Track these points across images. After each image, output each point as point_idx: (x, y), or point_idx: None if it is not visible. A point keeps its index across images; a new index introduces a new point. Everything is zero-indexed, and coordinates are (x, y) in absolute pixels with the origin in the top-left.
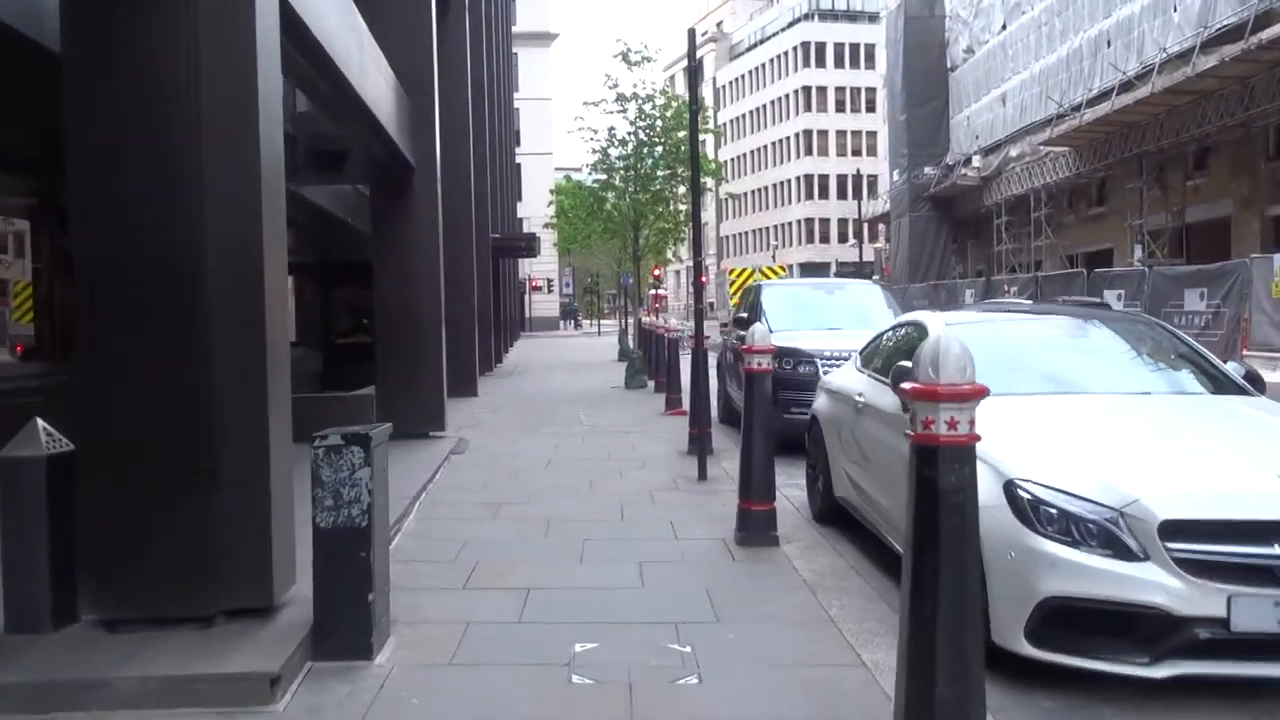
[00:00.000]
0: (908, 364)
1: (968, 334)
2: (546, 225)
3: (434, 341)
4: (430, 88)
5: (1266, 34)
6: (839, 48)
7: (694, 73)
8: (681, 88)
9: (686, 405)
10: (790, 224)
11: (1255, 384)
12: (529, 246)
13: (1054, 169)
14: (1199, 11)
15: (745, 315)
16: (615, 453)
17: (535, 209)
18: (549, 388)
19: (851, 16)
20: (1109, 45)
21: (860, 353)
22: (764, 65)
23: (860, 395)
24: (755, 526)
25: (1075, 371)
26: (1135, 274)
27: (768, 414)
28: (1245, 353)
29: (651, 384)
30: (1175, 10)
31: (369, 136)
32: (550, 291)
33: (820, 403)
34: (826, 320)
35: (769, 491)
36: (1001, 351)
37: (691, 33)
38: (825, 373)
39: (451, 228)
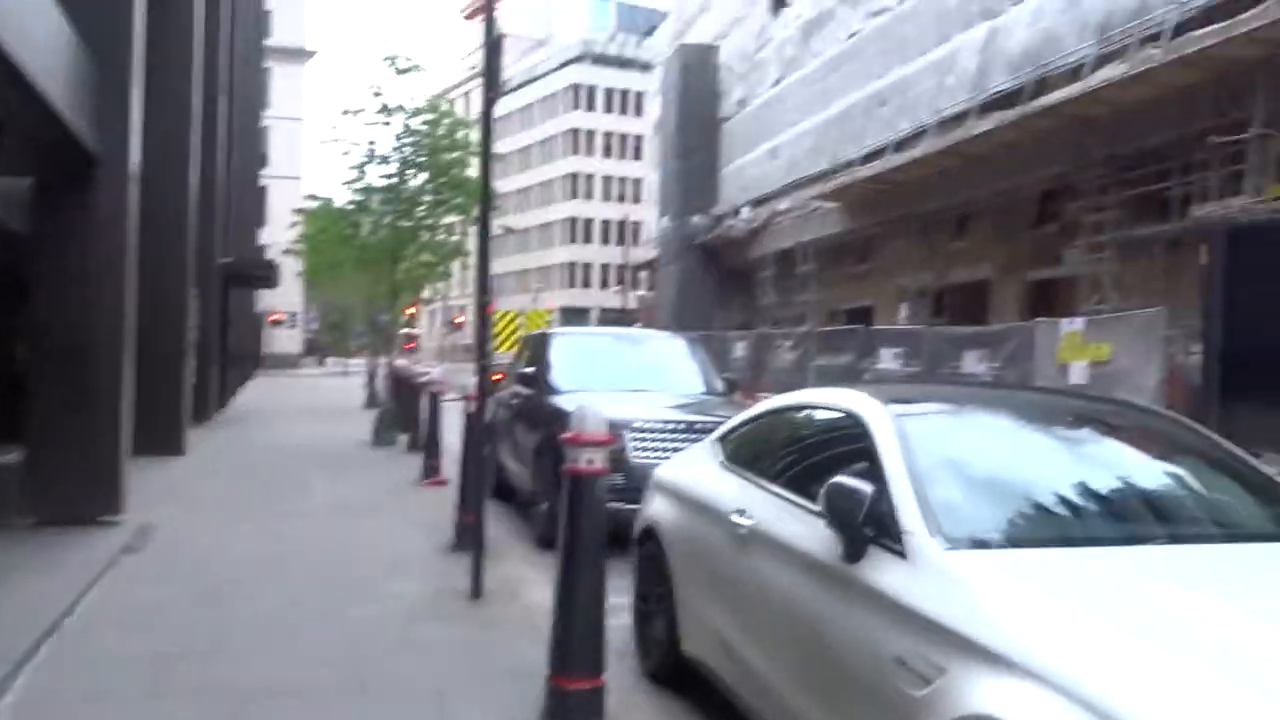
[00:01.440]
0: (857, 486)
1: (936, 432)
2: (287, 252)
3: (110, 384)
4: (127, 53)
5: (1044, 100)
6: (609, 93)
7: (490, 83)
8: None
9: (448, 472)
10: (553, 267)
11: None
12: (267, 275)
13: (823, 224)
14: (974, 76)
15: (530, 370)
16: (358, 547)
17: (282, 237)
18: (281, 442)
19: (623, 63)
20: (883, 105)
21: (722, 439)
22: (533, 105)
23: (741, 515)
24: (575, 713)
25: (1126, 502)
26: (912, 332)
27: (600, 540)
28: None
29: (405, 439)
30: (950, 74)
31: (19, 105)
32: (293, 326)
33: (661, 509)
34: (629, 379)
35: (596, 658)
36: (1007, 467)
37: (491, 36)
38: (637, 448)
39: (159, 243)
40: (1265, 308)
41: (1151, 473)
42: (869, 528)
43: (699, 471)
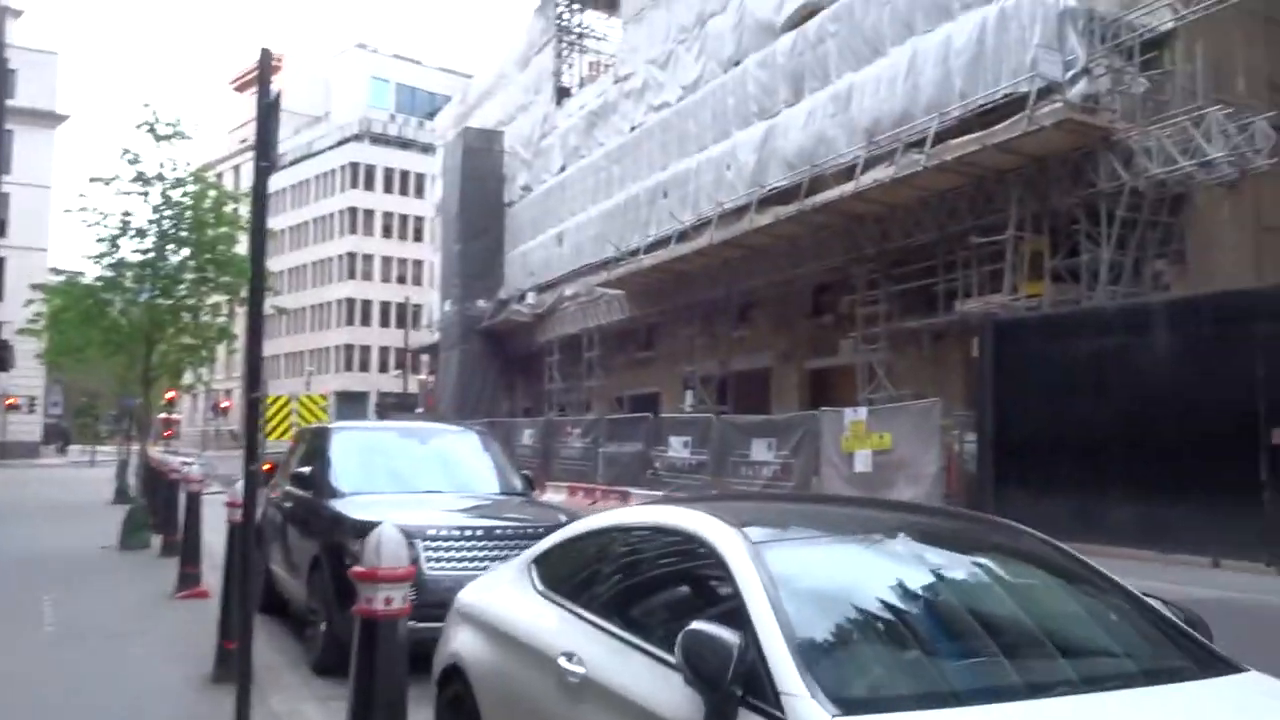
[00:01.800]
0: (722, 637)
1: (803, 566)
2: (21, 331)
3: None
4: None
5: (818, 198)
6: (389, 173)
7: (263, 150)
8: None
9: (209, 581)
10: (329, 349)
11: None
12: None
13: (608, 311)
14: (752, 171)
15: (306, 470)
16: (94, 685)
17: (20, 314)
18: (6, 548)
19: (404, 144)
20: (665, 196)
21: (539, 560)
22: (309, 181)
23: (570, 659)
24: None
25: (1021, 647)
26: (701, 420)
27: (401, 694)
28: None
29: (159, 542)
30: (729, 169)
31: None
32: (32, 411)
33: (468, 645)
34: (420, 479)
35: None
36: (887, 607)
37: (266, 99)
38: (433, 559)
39: None
40: (1030, 398)
41: (1043, 609)
42: (737, 686)
43: (512, 599)
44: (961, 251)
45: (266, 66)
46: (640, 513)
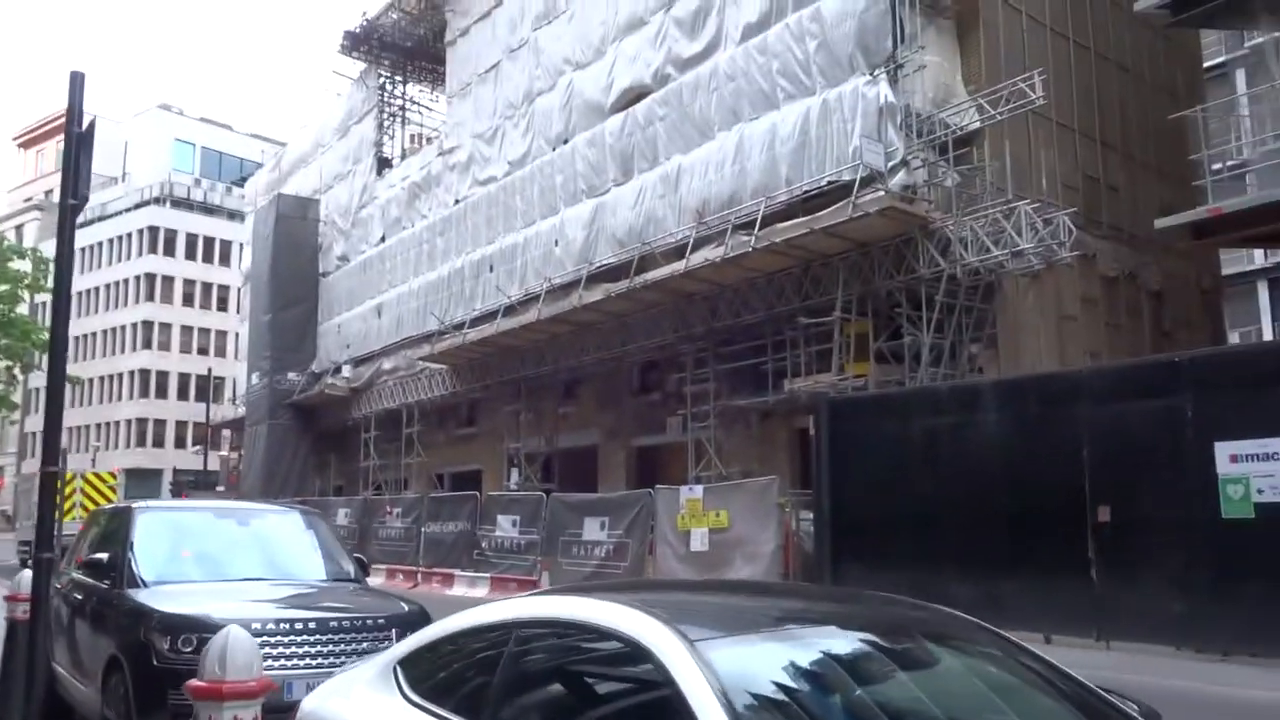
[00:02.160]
0: None
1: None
2: None
3: None
4: None
5: (648, 276)
6: (191, 238)
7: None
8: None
9: None
10: (119, 423)
11: None
12: None
13: (429, 386)
14: (581, 248)
15: (103, 556)
16: None
17: None
18: None
19: (208, 209)
20: (492, 269)
21: (402, 663)
22: (102, 244)
23: None
24: None
25: None
26: (532, 499)
27: None
28: None
29: None
30: (558, 245)
31: None
32: None
33: None
34: (237, 566)
35: None
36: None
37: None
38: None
39: None
40: (866, 475)
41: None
42: None
43: (376, 708)
44: (790, 331)
45: (78, 92)
46: (541, 605)
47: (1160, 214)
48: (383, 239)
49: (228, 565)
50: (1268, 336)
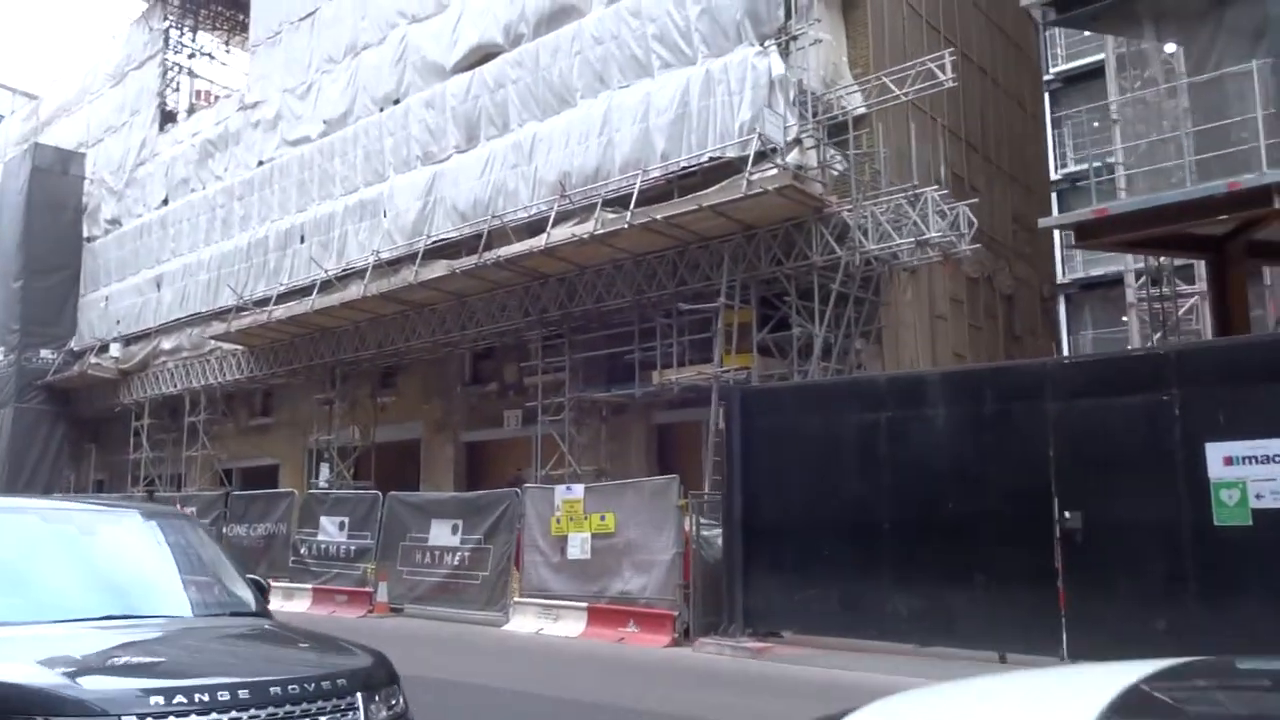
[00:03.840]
0: None
1: None
2: None
3: None
4: None
5: (502, 252)
6: None
7: None
8: None
9: None
10: None
11: None
12: None
13: (219, 369)
14: (414, 221)
15: None
16: None
17: None
18: None
19: None
20: (303, 240)
21: None
22: None
23: None
24: None
25: None
26: (365, 498)
27: None
28: (518, 599)
29: None
30: (386, 215)
31: None
32: None
33: None
34: (87, 597)
35: None
36: None
37: None
38: None
39: None
40: (785, 476)
41: None
42: None
43: None
44: (662, 319)
45: None
46: None
47: (1012, 220)
48: (165, 201)
49: (74, 597)
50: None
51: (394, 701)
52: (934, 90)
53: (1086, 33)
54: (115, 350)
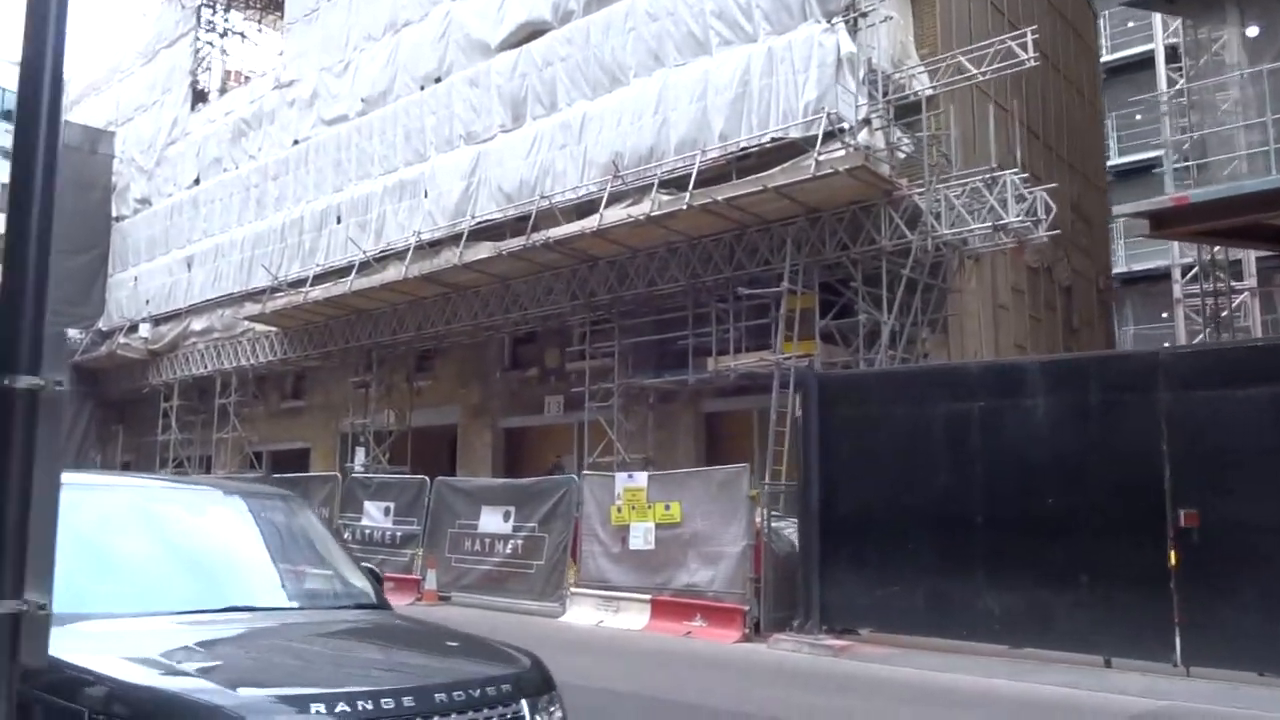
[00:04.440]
0: None
1: None
2: None
3: None
4: None
5: (553, 233)
6: None
7: None
8: None
9: None
10: None
11: None
12: None
13: (251, 351)
14: (457, 200)
15: None
16: None
17: None
18: None
19: None
20: (339, 221)
21: None
22: None
23: None
24: None
25: None
26: (411, 482)
27: None
28: (574, 590)
29: None
30: (427, 196)
31: None
32: None
33: None
34: (205, 588)
35: None
36: None
37: None
38: None
39: None
40: (868, 467)
41: None
42: None
43: None
44: (719, 304)
45: None
46: None
47: (1071, 211)
48: (197, 181)
49: (186, 588)
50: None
51: (554, 710)
52: (1013, 70)
53: (1131, 24)
54: (144, 330)
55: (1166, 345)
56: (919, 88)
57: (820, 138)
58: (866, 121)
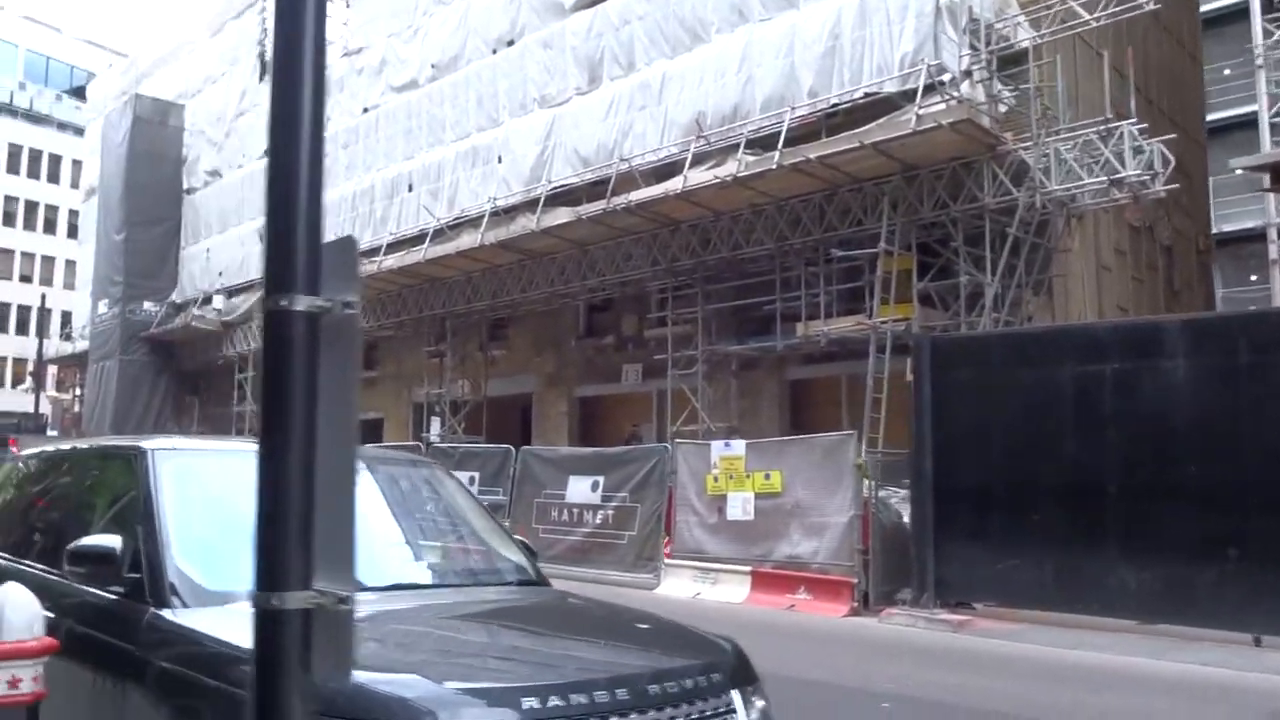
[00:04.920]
0: None
1: None
2: None
3: None
4: None
5: (634, 196)
6: (14, 149)
7: None
8: None
9: None
10: None
11: None
12: None
13: None
14: (531, 166)
15: (110, 544)
16: None
17: None
18: None
19: (34, 119)
20: (411, 189)
21: None
22: None
23: None
24: None
25: None
26: (497, 451)
27: None
28: (669, 561)
29: None
30: (501, 162)
31: None
32: None
33: None
34: (380, 564)
35: None
36: None
37: None
38: None
39: None
40: (986, 434)
41: None
42: None
43: None
44: (809, 268)
45: None
46: None
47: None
48: (266, 152)
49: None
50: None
51: (759, 700)
52: (1129, 13)
53: None
54: (218, 302)
55: None
56: (1023, 37)
57: (920, 91)
58: (967, 74)
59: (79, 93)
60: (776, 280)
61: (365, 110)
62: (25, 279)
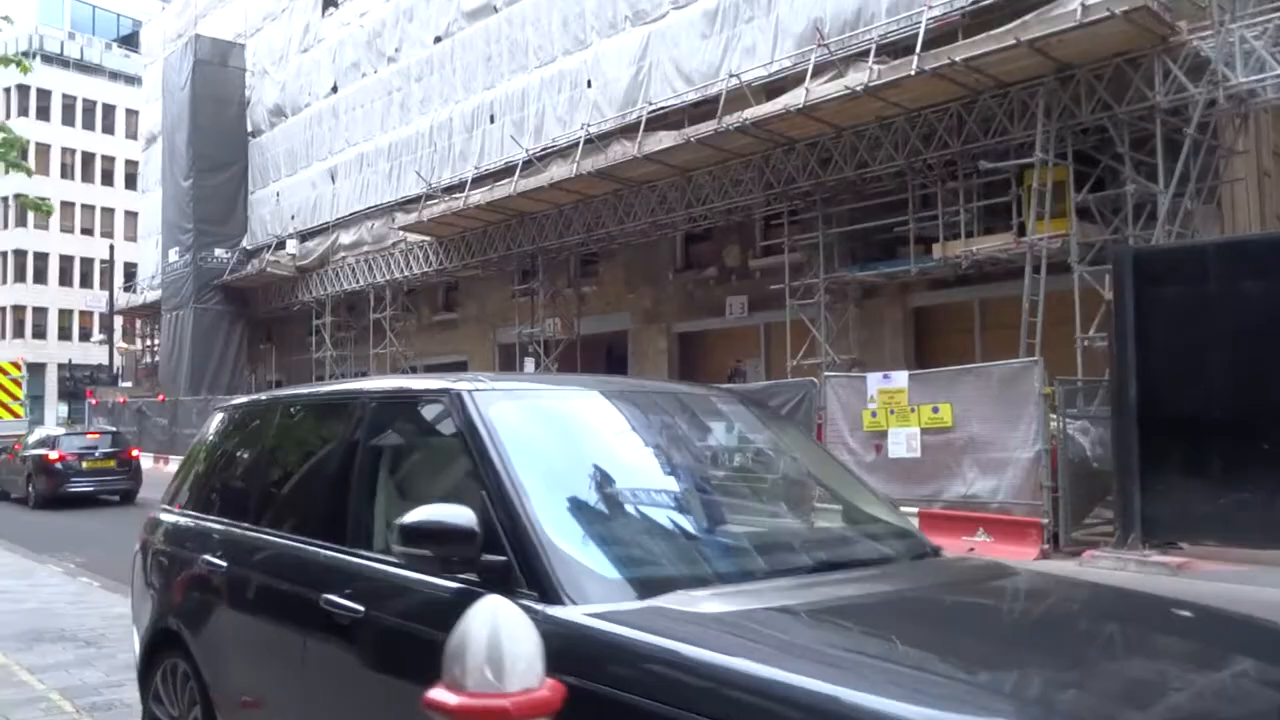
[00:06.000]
0: None
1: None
2: None
3: None
4: None
5: (750, 113)
6: (69, 101)
7: None
8: None
9: None
10: None
11: None
12: None
13: (404, 263)
14: (625, 89)
15: (463, 521)
16: None
17: None
18: None
19: (86, 68)
20: (493, 120)
21: None
22: None
23: None
24: None
25: None
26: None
27: None
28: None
29: None
30: (591, 86)
31: None
32: None
33: None
34: (773, 540)
35: None
36: None
37: None
38: None
39: None
40: (1198, 359)
41: None
42: None
43: None
44: (949, 183)
45: None
46: None
47: None
48: (334, 89)
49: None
50: None
51: None
52: None
53: None
54: (291, 247)
55: None
56: None
57: None
58: None
59: (127, 40)
60: (910, 199)
61: (438, 39)
62: (86, 231)
